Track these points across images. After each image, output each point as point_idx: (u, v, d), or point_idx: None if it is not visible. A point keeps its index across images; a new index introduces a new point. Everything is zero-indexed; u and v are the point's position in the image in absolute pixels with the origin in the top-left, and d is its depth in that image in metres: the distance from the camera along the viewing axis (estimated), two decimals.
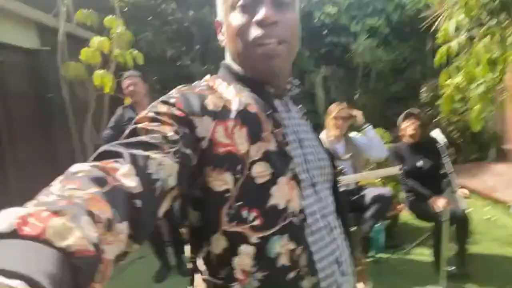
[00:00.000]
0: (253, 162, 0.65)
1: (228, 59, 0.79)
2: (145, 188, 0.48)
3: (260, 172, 0.65)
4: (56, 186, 0.42)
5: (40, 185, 0.49)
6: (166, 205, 0.55)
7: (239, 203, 0.64)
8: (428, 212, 2.75)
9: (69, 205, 0.36)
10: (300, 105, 0.87)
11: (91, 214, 0.37)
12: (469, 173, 5.10)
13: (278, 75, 0.75)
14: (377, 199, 2.70)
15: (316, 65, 6.33)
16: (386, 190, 2.80)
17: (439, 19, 5.45)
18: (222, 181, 0.64)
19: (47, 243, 0.31)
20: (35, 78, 3.67)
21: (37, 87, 3.69)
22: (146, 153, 0.52)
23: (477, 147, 5.83)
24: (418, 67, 6.51)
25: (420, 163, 2.87)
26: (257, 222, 0.64)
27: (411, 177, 2.91)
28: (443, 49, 2.47)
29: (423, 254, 3.07)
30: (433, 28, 5.51)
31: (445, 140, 2.57)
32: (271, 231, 0.65)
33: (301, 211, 0.68)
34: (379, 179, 3.46)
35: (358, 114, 2.96)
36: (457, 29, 2.45)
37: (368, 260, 3.02)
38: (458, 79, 2.53)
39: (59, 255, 0.31)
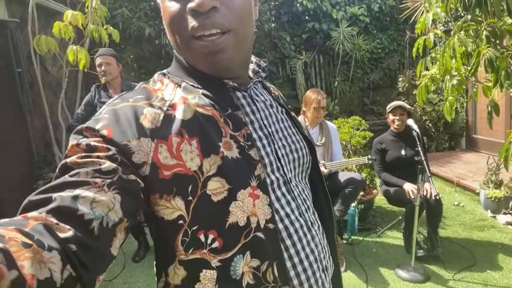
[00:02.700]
0: (208, 178, 0.57)
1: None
2: (78, 230, 0.44)
3: (216, 189, 0.57)
4: None
5: (11, 161, 0.47)
6: (118, 240, 0.50)
7: (194, 227, 0.57)
8: (400, 198, 2.88)
9: None
10: (272, 87, 0.80)
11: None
12: (441, 161, 5.31)
13: (231, 68, 0.64)
14: (348, 183, 2.79)
15: (297, 51, 6.32)
16: (357, 175, 2.89)
17: (417, 11, 5.53)
18: (172, 208, 0.56)
19: None
20: (3, 51, 3.48)
21: (5, 60, 3.50)
22: (75, 192, 0.46)
23: (449, 137, 6.06)
24: (396, 57, 6.62)
25: (403, 152, 3.00)
26: (216, 245, 0.58)
27: (394, 165, 3.02)
28: (420, 40, 2.52)
29: (395, 237, 3.21)
30: (412, 20, 5.62)
31: (418, 130, 2.67)
32: (233, 251, 0.59)
33: (269, 220, 0.62)
34: (355, 165, 3.55)
35: None
36: (434, 22, 2.50)
37: (342, 241, 3.12)
38: (434, 70, 2.60)
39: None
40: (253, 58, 0.76)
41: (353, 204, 3.17)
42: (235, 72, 0.67)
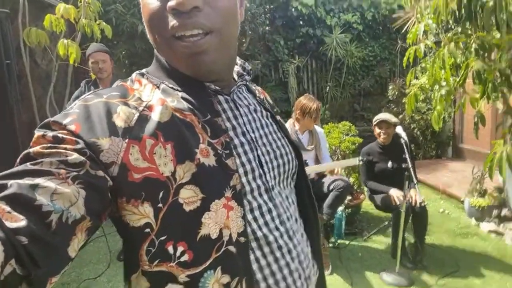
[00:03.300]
0: (181, 186, 0.53)
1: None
2: (33, 222, 0.40)
3: (189, 198, 0.53)
4: None
5: None
6: (77, 240, 0.45)
7: (162, 237, 0.53)
8: (387, 204, 2.92)
9: None
10: (258, 90, 0.77)
11: None
12: (427, 168, 5.39)
13: (213, 71, 0.61)
14: (335, 187, 2.81)
15: (290, 55, 6.35)
16: (344, 179, 2.91)
17: (409, 21, 5.62)
18: (139, 215, 0.52)
19: None
20: None
21: None
22: (35, 181, 0.42)
23: (436, 145, 6.16)
24: (388, 65, 6.72)
25: (389, 164, 3.03)
26: (185, 258, 0.54)
27: (380, 176, 3.07)
28: (411, 50, 2.56)
29: (381, 242, 3.24)
30: (403, 30, 5.70)
31: (406, 138, 2.72)
32: (203, 266, 0.55)
33: (241, 233, 0.58)
34: (343, 169, 3.58)
35: None
36: (426, 33, 2.55)
37: (329, 245, 3.14)
38: (423, 80, 2.65)
39: None
40: (238, 60, 0.73)
41: (340, 208, 3.20)
42: (218, 75, 0.63)
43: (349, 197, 3.46)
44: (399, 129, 2.82)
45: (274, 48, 6.16)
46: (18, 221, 0.39)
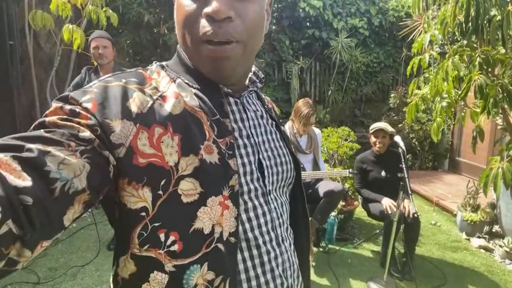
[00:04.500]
0: (182, 177, 0.55)
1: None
2: (38, 185, 0.42)
3: (188, 190, 0.55)
4: None
5: None
6: (74, 211, 0.47)
7: (156, 224, 0.55)
8: (379, 212, 2.92)
9: None
10: (267, 99, 0.80)
11: None
12: (422, 179, 5.40)
13: (232, 77, 0.65)
14: (327, 193, 2.82)
15: (294, 56, 6.34)
16: (336, 186, 2.92)
17: (416, 30, 5.61)
18: (138, 198, 0.54)
19: None
20: None
21: None
22: (47, 148, 0.45)
23: (433, 157, 6.17)
24: (391, 72, 6.71)
25: (383, 173, 3.04)
26: (175, 248, 0.55)
27: (373, 185, 3.07)
28: (415, 60, 2.56)
29: (371, 249, 3.25)
30: (409, 38, 5.70)
31: (404, 147, 2.71)
32: (191, 259, 0.56)
33: (232, 233, 0.59)
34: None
35: None
36: (431, 43, 2.55)
37: (319, 249, 3.15)
38: (425, 90, 2.65)
39: None
40: (253, 67, 0.76)
41: (333, 214, 3.20)
42: (234, 80, 0.67)
43: (342, 203, 3.47)
44: (397, 139, 2.82)
45: (279, 47, 6.15)
46: (26, 181, 0.41)
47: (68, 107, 0.51)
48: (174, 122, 0.57)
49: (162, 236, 0.55)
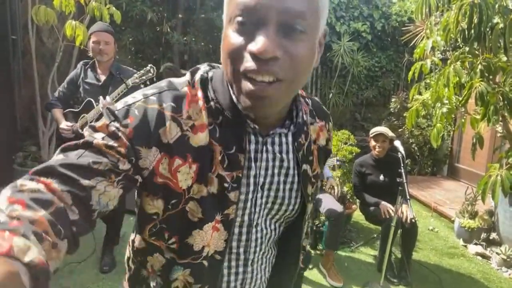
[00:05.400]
0: (191, 199, 0.64)
1: None
2: (82, 216, 0.53)
3: (193, 211, 0.64)
4: (4, 204, 0.46)
5: None
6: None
7: (164, 225, 0.67)
8: (377, 216, 2.92)
9: (20, 226, 0.42)
10: (308, 132, 0.74)
11: (37, 234, 0.43)
12: (421, 185, 5.40)
13: (266, 114, 0.63)
14: (330, 214, 2.76)
15: None
16: (339, 206, 2.84)
17: (418, 36, 5.62)
18: (153, 206, 0.65)
19: (15, 258, 0.38)
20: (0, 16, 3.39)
21: (0, 26, 3.41)
22: (91, 182, 0.54)
23: (432, 162, 6.17)
24: (392, 77, 6.72)
25: (382, 177, 3.03)
26: (174, 246, 0.68)
27: (371, 189, 3.07)
28: (417, 65, 2.56)
29: (368, 254, 3.24)
30: (412, 43, 5.70)
31: (403, 152, 2.71)
32: (179, 260, 0.68)
33: (219, 252, 0.68)
34: (337, 179, 3.57)
35: None
36: (433, 49, 2.55)
37: (316, 252, 3.15)
38: (426, 96, 2.65)
39: (24, 268, 0.38)
40: (303, 104, 0.74)
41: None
42: (266, 119, 0.65)
43: (341, 206, 3.45)
44: (397, 143, 2.82)
45: None
46: (75, 214, 0.52)
47: (112, 128, 0.58)
48: (195, 152, 0.62)
49: (166, 235, 0.68)
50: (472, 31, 2.10)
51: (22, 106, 3.79)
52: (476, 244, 3.55)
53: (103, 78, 2.60)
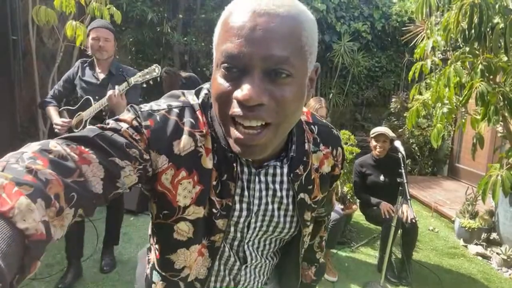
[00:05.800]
0: (183, 219, 0.65)
1: None
2: (105, 193, 0.53)
3: (182, 230, 0.66)
4: (28, 154, 0.45)
5: None
6: None
7: (154, 229, 0.71)
8: (377, 217, 2.92)
9: (32, 182, 0.40)
10: (292, 174, 0.71)
11: (47, 198, 0.41)
12: (421, 185, 5.40)
13: (257, 157, 0.62)
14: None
15: None
16: (337, 212, 2.81)
17: (419, 35, 5.62)
18: (150, 206, 0.69)
19: (10, 222, 0.36)
20: (0, 16, 3.39)
21: (0, 26, 3.41)
22: (123, 163, 0.56)
23: (432, 162, 6.17)
24: (393, 77, 6.72)
25: (382, 178, 3.03)
26: (157, 253, 0.72)
27: (372, 189, 3.07)
28: (417, 65, 2.56)
29: (369, 254, 3.24)
30: (412, 44, 5.70)
31: (404, 152, 2.71)
32: (159, 270, 0.72)
33: (200, 280, 0.70)
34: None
35: None
36: (434, 49, 2.55)
37: None
38: (426, 96, 2.65)
39: (17, 235, 0.36)
40: (307, 132, 0.73)
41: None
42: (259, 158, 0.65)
43: (341, 206, 3.46)
44: (397, 143, 2.82)
45: None
46: (98, 189, 0.52)
47: (136, 123, 0.61)
48: (200, 173, 0.63)
49: (154, 239, 0.73)
50: (473, 31, 2.10)
51: (22, 107, 3.79)
52: (476, 244, 3.55)
53: (101, 76, 2.49)
